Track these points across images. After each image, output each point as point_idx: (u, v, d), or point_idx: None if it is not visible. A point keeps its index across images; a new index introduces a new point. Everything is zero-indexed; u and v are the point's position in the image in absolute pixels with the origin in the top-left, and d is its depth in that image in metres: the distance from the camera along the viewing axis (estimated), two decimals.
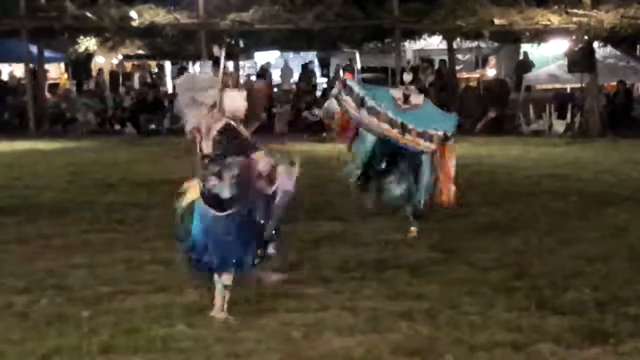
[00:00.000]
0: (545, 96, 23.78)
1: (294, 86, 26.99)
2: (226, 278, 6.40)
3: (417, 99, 9.14)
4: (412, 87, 9.16)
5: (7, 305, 6.91)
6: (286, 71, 28.88)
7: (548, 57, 24.95)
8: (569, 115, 22.03)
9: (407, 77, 9.22)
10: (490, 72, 28.40)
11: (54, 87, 27.09)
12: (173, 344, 5.91)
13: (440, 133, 8.93)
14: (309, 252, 8.58)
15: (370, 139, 9.40)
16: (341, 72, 26.25)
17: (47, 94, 25.67)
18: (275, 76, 28.89)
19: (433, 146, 8.99)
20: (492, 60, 29.11)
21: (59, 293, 7.20)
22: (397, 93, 9.22)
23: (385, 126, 8.90)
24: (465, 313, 6.48)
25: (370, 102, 8.94)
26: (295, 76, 28.35)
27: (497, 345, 5.73)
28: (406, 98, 9.09)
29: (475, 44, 25.41)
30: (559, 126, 21.94)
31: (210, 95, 6.33)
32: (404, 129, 8.87)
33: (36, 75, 25.02)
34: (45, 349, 5.82)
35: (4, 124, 24.91)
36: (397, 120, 8.87)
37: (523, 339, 5.85)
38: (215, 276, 6.43)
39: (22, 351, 5.84)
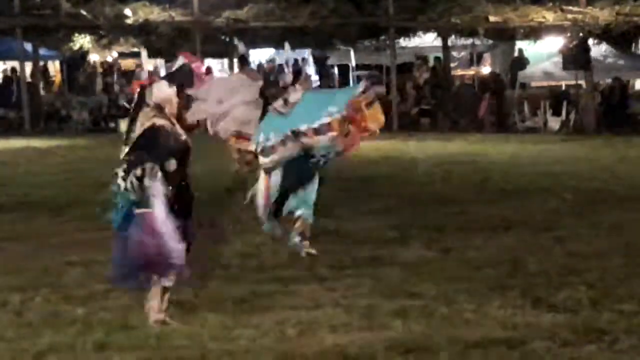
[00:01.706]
0: (540, 93, 23.80)
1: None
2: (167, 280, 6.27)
3: (295, 96, 8.73)
4: (293, 87, 8.94)
5: (2, 303, 6.91)
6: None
7: (543, 54, 24.91)
8: (563, 112, 22.04)
9: (288, 78, 9.03)
10: (485, 70, 28.40)
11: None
12: (167, 341, 5.90)
13: (338, 116, 8.42)
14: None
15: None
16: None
17: (42, 92, 25.62)
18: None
19: (334, 133, 8.45)
20: (487, 57, 29.09)
21: (53, 291, 7.20)
22: (278, 102, 8.82)
23: (289, 146, 8.47)
24: (460, 311, 6.47)
25: (261, 145, 8.56)
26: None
27: (492, 343, 5.72)
28: (285, 101, 8.72)
29: (470, 41, 25.42)
30: (554, 123, 21.95)
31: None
32: (296, 135, 8.42)
33: (34, 73, 24.99)
34: (40, 347, 5.82)
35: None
36: (288, 134, 8.44)
37: (518, 337, 5.85)
38: (155, 277, 6.29)
39: (17, 349, 5.84)
